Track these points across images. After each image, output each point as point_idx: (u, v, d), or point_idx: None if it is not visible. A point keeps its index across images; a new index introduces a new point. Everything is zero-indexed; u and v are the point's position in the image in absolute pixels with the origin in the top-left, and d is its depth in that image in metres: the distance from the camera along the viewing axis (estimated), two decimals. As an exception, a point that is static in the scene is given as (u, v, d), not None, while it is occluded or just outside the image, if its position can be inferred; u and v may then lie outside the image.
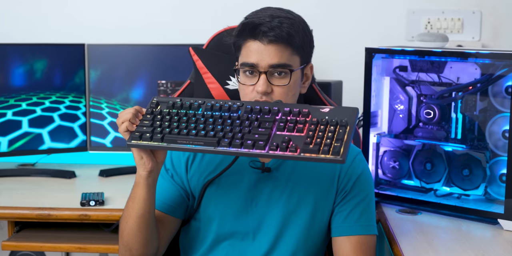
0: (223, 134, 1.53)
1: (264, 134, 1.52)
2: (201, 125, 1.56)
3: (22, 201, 2.31)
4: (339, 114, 1.53)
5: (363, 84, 2.16)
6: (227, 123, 1.55)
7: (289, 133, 1.52)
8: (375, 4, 2.86)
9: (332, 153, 1.47)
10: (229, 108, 1.58)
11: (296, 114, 1.55)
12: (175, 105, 1.61)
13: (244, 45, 1.67)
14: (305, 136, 1.51)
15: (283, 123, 1.53)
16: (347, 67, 2.79)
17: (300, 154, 1.48)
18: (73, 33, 2.90)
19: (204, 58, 1.96)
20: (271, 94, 1.66)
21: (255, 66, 1.65)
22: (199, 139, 1.53)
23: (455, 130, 2.09)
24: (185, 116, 1.59)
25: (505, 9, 2.82)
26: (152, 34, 2.89)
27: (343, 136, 1.49)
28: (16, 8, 2.93)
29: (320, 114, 1.54)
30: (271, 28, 1.63)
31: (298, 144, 1.49)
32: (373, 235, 1.73)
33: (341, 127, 1.51)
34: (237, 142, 1.51)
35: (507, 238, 1.85)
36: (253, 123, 1.54)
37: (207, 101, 1.61)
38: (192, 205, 1.77)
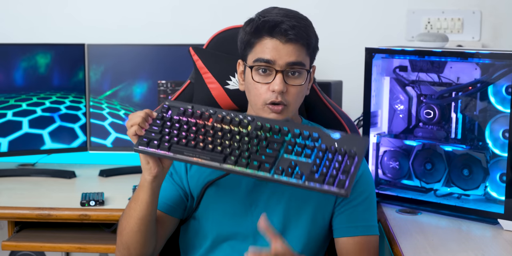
0: (230, 151, 1.52)
1: (271, 156, 1.51)
2: (209, 138, 1.54)
3: (22, 201, 2.31)
4: (348, 143, 1.52)
5: (363, 84, 2.16)
6: (236, 139, 1.54)
7: (296, 157, 1.51)
8: (375, 4, 2.86)
9: (336, 186, 1.46)
10: (240, 122, 1.56)
11: (306, 137, 1.53)
12: (186, 113, 1.60)
13: (259, 42, 1.66)
14: (312, 163, 1.49)
15: (291, 146, 1.52)
16: (347, 67, 2.79)
17: (305, 182, 1.47)
18: (73, 33, 2.90)
19: (204, 58, 1.96)
20: (285, 94, 1.66)
21: (271, 62, 1.64)
22: (206, 153, 1.53)
23: (455, 130, 2.09)
24: (195, 126, 1.57)
25: (505, 9, 2.82)
26: (152, 34, 2.89)
27: (350, 168, 1.48)
28: (16, 8, 2.93)
29: (330, 140, 1.53)
30: (292, 27, 1.63)
31: (304, 171, 1.48)
32: (375, 235, 1.73)
33: (349, 158, 1.49)
34: (243, 161, 1.50)
35: (507, 238, 1.85)
36: (262, 142, 1.53)
37: (218, 112, 1.59)
38: (191, 205, 1.76)
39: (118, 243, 1.71)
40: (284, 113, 1.67)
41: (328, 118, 1.95)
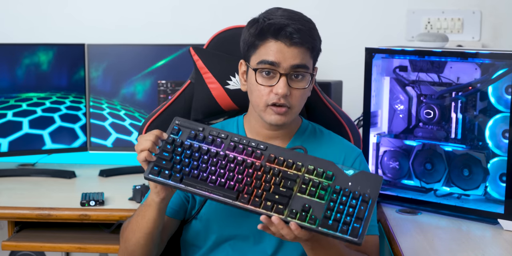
0: (243, 188, 1.50)
1: (285, 196, 1.48)
2: (222, 170, 1.52)
3: (22, 201, 2.31)
4: (362, 182, 1.50)
5: (363, 84, 2.17)
6: (249, 173, 1.52)
7: (310, 198, 1.49)
8: (375, 4, 2.86)
9: (350, 234, 1.45)
10: (252, 152, 1.55)
11: (320, 175, 1.51)
12: (197, 137, 1.57)
13: (263, 45, 1.66)
14: (326, 207, 1.47)
15: (305, 185, 1.50)
16: (347, 67, 2.79)
17: (318, 227, 1.45)
18: (73, 33, 2.90)
19: (204, 58, 1.96)
20: (289, 97, 1.66)
21: (275, 65, 1.64)
22: (218, 189, 1.50)
23: (455, 130, 2.09)
24: (206, 154, 1.55)
25: (505, 9, 2.82)
26: (152, 34, 2.89)
27: (363, 215, 1.46)
28: (16, 8, 2.93)
29: (343, 178, 1.51)
30: (297, 30, 1.63)
31: (317, 215, 1.46)
32: (375, 235, 1.73)
33: (362, 203, 1.47)
34: (257, 200, 1.48)
35: (507, 238, 1.85)
36: (275, 178, 1.51)
37: (230, 137, 1.56)
38: (192, 206, 1.76)
39: (122, 249, 1.71)
40: (288, 115, 1.67)
41: (328, 118, 1.95)
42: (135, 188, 2.32)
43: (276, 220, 1.45)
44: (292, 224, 1.45)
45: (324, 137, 1.80)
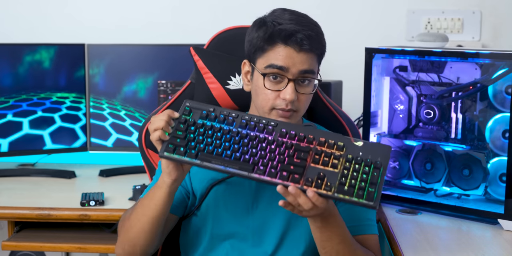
0: (258, 160, 1.52)
1: (299, 166, 1.51)
2: (236, 145, 1.54)
3: (22, 201, 2.31)
4: (372, 152, 1.53)
5: (363, 84, 2.17)
6: (263, 147, 1.54)
7: (324, 167, 1.51)
8: (375, 4, 2.87)
9: (366, 198, 1.48)
10: (264, 128, 1.57)
11: (331, 146, 1.54)
12: (209, 117, 1.59)
13: (271, 49, 1.65)
14: (340, 174, 1.50)
15: (318, 156, 1.52)
16: (347, 67, 2.79)
17: (334, 194, 1.48)
18: (73, 33, 2.90)
19: (205, 58, 1.96)
20: (295, 101, 1.66)
21: (284, 69, 1.64)
22: (234, 162, 1.52)
23: (455, 130, 2.09)
24: (220, 131, 1.57)
25: (505, 9, 2.82)
26: (152, 34, 2.89)
27: (377, 180, 1.50)
28: (16, 8, 2.93)
29: (354, 149, 1.54)
30: (308, 37, 1.63)
31: (332, 182, 1.49)
32: (374, 234, 1.73)
33: (375, 170, 1.51)
34: (273, 171, 1.50)
35: (507, 238, 1.85)
36: (289, 150, 1.53)
37: (241, 116, 1.59)
38: (192, 203, 1.77)
39: (122, 240, 1.70)
40: (292, 118, 1.68)
41: (328, 118, 1.95)
42: (135, 188, 2.32)
43: (293, 189, 1.47)
44: (310, 191, 1.47)
45: None
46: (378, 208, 2.07)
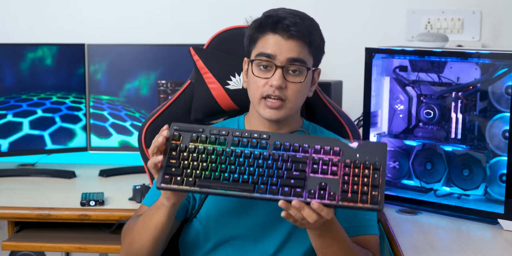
0: (257, 179, 1.50)
1: (300, 179, 1.49)
2: (232, 166, 1.52)
3: (22, 201, 2.31)
4: (369, 152, 1.53)
5: (363, 84, 2.17)
6: (259, 163, 1.52)
7: (323, 176, 1.50)
8: (375, 4, 2.87)
9: (370, 203, 1.47)
10: (257, 144, 1.55)
11: (328, 152, 1.53)
12: (200, 139, 1.56)
13: (262, 38, 1.68)
14: (341, 181, 1.49)
15: (316, 165, 1.51)
16: (347, 67, 2.79)
17: (338, 202, 1.47)
18: (73, 33, 2.90)
19: (204, 58, 1.96)
20: (284, 90, 1.66)
21: (272, 57, 1.65)
22: (234, 185, 1.50)
23: (455, 130, 2.09)
24: (213, 154, 1.55)
25: (505, 9, 2.82)
26: (152, 34, 2.89)
27: (379, 181, 1.49)
28: (16, 8, 2.93)
29: (350, 152, 1.53)
30: (294, 23, 1.64)
31: (335, 191, 1.48)
32: (375, 235, 1.73)
33: (374, 171, 1.50)
34: (274, 188, 1.49)
35: (507, 238, 1.85)
36: (286, 163, 1.52)
37: (231, 133, 1.57)
38: (192, 206, 1.76)
39: (125, 251, 1.71)
40: (282, 109, 1.67)
41: (328, 118, 1.95)
42: (135, 188, 2.32)
43: (296, 203, 1.46)
44: (314, 203, 1.46)
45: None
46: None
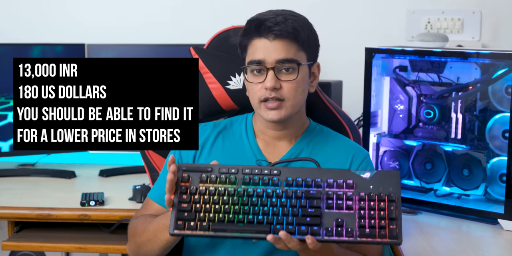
0: (272, 218, 1.48)
1: (315, 216, 1.47)
2: (246, 206, 1.49)
3: (22, 201, 2.31)
4: (382, 182, 1.51)
5: (363, 84, 2.17)
6: (273, 202, 1.50)
7: (339, 211, 1.48)
8: (375, 4, 2.86)
9: (389, 237, 1.45)
10: (269, 181, 1.53)
11: (341, 185, 1.52)
12: (210, 179, 1.54)
13: (250, 44, 1.68)
14: (357, 216, 1.47)
15: (331, 200, 1.49)
16: (347, 67, 2.79)
17: (357, 238, 1.46)
18: (73, 33, 2.90)
19: (205, 58, 1.96)
20: (280, 90, 1.66)
21: (262, 62, 1.66)
22: (249, 227, 1.48)
23: (455, 130, 2.09)
24: (225, 195, 1.52)
25: (505, 9, 2.82)
26: (152, 34, 2.89)
27: (395, 214, 1.47)
28: (16, 8, 2.93)
29: (364, 183, 1.52)
30: (276, 23, 1.64)
31: (352, 227, 1.46)
32: None
33: (390, 203, 1.48)
34: (290, 228, 1.46)
35: (507, 238, 1.85)
36: (300, 200, 1.49)
37: (240, 170, 1.54)
38: None
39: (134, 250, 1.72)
40: (282, 109, 1.67)
41: (328, 118, 1.95)
42: (135, 188, 2.32)
43: (283, 235, 1.45)
44: (309, 238, 1.45)
45: (331, 138, 1.80)
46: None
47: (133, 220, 1.77)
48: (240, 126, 1.81)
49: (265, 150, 1.77)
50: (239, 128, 1.81)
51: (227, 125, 1.83)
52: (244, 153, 1.77)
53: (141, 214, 1.78)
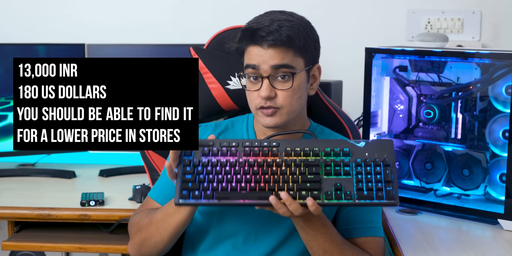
0: (273, 185, 1.53)
1: (315, 182, 1.53)
2: (248, 175, 1.55)
3: (22, 201, 2.31)
4: (376, 149, 1.58)
5: (363, 84, 2.17)
6: (273, 170, 1.55)
7: (337, 177, 1.54)
8: (375, 4, 2.87)
9: (386, 198, 1.52)
10: (269, 152, 1.58)
11: (338, 153, 1.57)
12: (212, 152, 1.59)
13: (246, 51, 1.68)
14: (355, 180, 1.54)
15: (329, 167, 1.56)
16: (347, 67, 2.79)
17: (355, 200, 1.51)
18: (73, 33, 2.90)
19: (204, 58, 1.96)
20: (275, 99, 1.66)
21: (257, 68, 1.65)
22: (252, 193, 1.53)
23: (455, 130, 2.09)
24: (227, 165, 1.57)
25: (505, 9, 2.82)
26: (152, 34, 2.89)
27: (391, 177, 1.54)
28: (16, 8, 2.93)
29: (359, 151, 1.58)
30: (269, 33, 1.63)
31: (351, 190, 1.53)
32: (380, 237, 1.73)
33: (385, 167, 1.55)
34: (291, 193, 1.52)
35: (507, 238, 1.85)
36: (300, 168, 1.55)
37: (241, 143, 1.60)
38: None
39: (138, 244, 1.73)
40: (277, 116, 1.67)
41: (329, 118, 1.95)
42: (135, 188, 2.32)
43: (285, 196, 1.50)
44: (310, 199, 1.50)
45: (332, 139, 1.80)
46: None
47: (134, 217, 1.77)
48: (241, 127, 1.82)
49: None
50: (240, 129, 1.81)
51: (228, 125, 1.83)
52: None
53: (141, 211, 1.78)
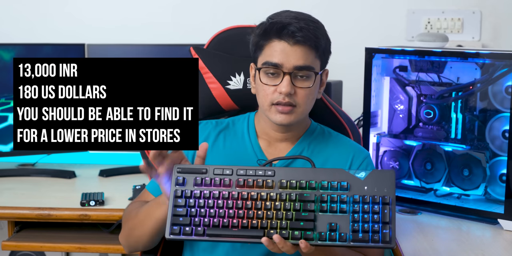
0: (266, 223, 1.49)
1: (309, 220, 1.48)
2: (240, 211, 1.50)
3: (22, 201, 2.31)
4: (377, 182, 1.51)
5: (363, 84, 2.17)
6: (267, 206, 1.50)
7: (333, 214, 1.49)
8: (375, 4, 2.87)
9: (382, 242, 1.45)
10: (263, 183, 1.53)
11: (335, 188, 1.52)
12: (205, 182, 1.55)
13: (267, 45, 1.67)
14: (351, 219, 1.48)
15: (324, 204, 1.50)
16: (347, 67, 2.79)
17: (350, 243, 1.46)
18: (73, 33, 2.90)
19: (205, 58, 1.96)
20: (293, 96, 1.66)
21: (279, 66, 1.65)
22: (243, 232, 1.49)
23: (455, 130, 2.09)
24: (220, 198, 1.53)
25: (505, 9, 2.82)
26: (152, 34, 2.89)
27: (389, 218, 1.47)
28: (16, 8, 2.93)
29: (358, 184, 1.51)
30: (299, 29, 1.63)
31: (345, 231, 1.47)
32: None
33: (384, 206, 1.48)
34: (284, 233, 1.47)
35: (507, 238, 1.85)
36: (294, 203, 1.50)
37: (235, 171, 1.55)
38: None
39: (126, 233, 1.73)
40: (293, 114, 1.67)
41: (329, 118, 1.95)
42: (135, 188, 2.32)
43: (277, 239, 1.46)
44: (302, 242, 1.46)
45: (332, 139, 1.81)
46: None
47: (128, 206, 1.78)
48: (242, 126, 1.82)
49: (266, 150, 1.77)
50: (241, 128, 1.81)
51: (229, 124, 1.83)
52: (245, 153, 1.77)
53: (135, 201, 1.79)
